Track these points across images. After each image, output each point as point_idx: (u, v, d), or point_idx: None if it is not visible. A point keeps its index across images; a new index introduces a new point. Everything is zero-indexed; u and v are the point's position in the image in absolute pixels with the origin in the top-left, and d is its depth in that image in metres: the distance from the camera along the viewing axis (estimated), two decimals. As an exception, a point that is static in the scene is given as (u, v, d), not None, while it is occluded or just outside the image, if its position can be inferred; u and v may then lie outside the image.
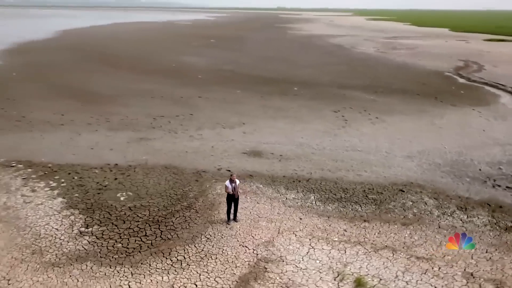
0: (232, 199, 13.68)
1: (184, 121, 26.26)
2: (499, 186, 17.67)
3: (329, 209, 15.16)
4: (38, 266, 11.45)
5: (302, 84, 39.49)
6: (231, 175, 13.70)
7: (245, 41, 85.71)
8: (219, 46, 75.58)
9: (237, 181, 13.72)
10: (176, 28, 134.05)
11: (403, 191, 16.77)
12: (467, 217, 14.76)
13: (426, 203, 15.73)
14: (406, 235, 13.45)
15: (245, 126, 25.41)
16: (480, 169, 19.39)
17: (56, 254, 12.03)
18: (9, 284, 10.68)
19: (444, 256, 12.27)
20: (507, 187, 17.57)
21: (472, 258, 12.19)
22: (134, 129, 24.52)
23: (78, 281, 10.89)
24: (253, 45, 79.41)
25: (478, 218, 14.71)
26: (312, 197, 16.08)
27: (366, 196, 16.29)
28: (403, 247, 12.69)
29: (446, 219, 14.58)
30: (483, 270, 11.62)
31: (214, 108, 29.83)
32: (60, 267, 11.42)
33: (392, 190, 16.88)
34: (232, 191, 13.50)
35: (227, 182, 13.59)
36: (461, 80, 42.87)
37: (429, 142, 22.99)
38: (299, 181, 17.60)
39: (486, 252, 12.55)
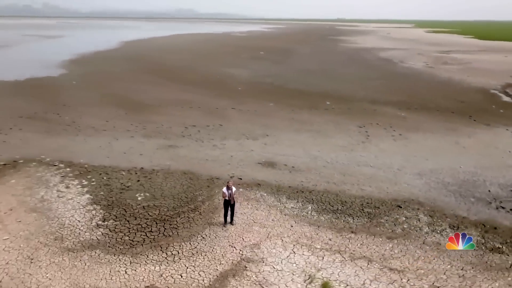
0: (228, 204, 15.21)
1: (212, 131, 28.24)
2: (503, 208, 17.71)
3: (322, 219, 16.21)
4: (57, 250, 13.67)
5: (336, 98, 40.28)
6: (228, 182, 15.28)
7: (293, 54, 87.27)
8: (266, 58, 77.79)
9: (234, 188, 15.24)
10: (230, 40, 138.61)
11: (401, 207, 17.39)
12: (456, 235, 15.16)
13: (419, 220, 16.30)
14: (388, 248, 14.22)
15: (267, 138, 26.88)
16: (489, 190, 19.41)
17: (73, 241, 14.22)
18: (31, 263, 12.94)
19: (418, 269, 12.97)
20: (511, 209, 17.58)
21: (444, 273, 12.79)
22: (166, 137, 26.84)
23: (85, 264, 12.93)
24: (300, 57, 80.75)
25: (467, 237, 15.06)
26: (310, 207, 17.19)
27: (362, 209, 17.12)
28: (379, 259, 13.52)
29: (434, 236, 15.12)
30: (451, 286, 12.21)
31: (243, 120, 31.60)
32: (74, 252, 13.55)
33: (390, 205, 17.55)
34: (228, 197, 15.04)
35: (224, 189, 15.16)
36: (506, 99, 41.46)
37: (446, 161, 23.10)
38: (303, 191, 18.76)
39: (462, 269, 13.05)
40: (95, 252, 13.59)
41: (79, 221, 15.65)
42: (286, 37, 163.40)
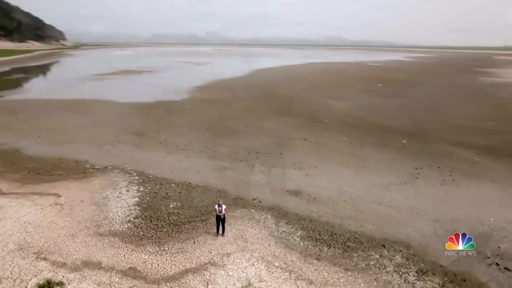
0: (219, 218, 18.63)
1: (269, 158, 31.69)
2: (497, 265, 17.20)
3: (301, 245, 18.36)
4: (92, 233, 18.94)
5: (416, 137, 39.72)
6: (219, 201, 18.74)
7: (412, 87, 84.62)
8: (379, 91, 77.55)
9: (224, 206, 18.62)
10: (357, 70, 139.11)
11: (384, 246, 18.35)
12: (415, 279, 15.85)
13: (391, 260, 17.20)
14: (336, 276, 15.84)
15: (313, 170, 29.17)
16: (499, 247, 18.70)
17: (106, 229, 19.37)
18: (72, 238, 18.39)
19: (347, 299, 14.45)
20: (505, 268, 16.97)
21: (369, 307, 14.04)
22: (227, 160, 31.28)
23: (103, 246, 17.83)
24: (417, 92, 78.13)
25: (426, 282, 15.64)
26: (299, 233, 19.41)
27: (345, 242, 18.64)
28: (320, 283, 15.33)
29: (391, 275, 16.05)
30: (365, 317, 13.49)
31: (305, 151, 34.23)
32: (102, 237, 18.63)
33: (376, 243, 18.62)
34: (219, 213, 18.49)
35: (216, 206, 18.66)
36: None
37: (479, 212, 22.33)
38: (304, 220, 20.96)
39: (390, 307, 14.06)
40: (114, 239, 18.44)
41: (119, 216, 20.87)
42: (422, 68, 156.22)
